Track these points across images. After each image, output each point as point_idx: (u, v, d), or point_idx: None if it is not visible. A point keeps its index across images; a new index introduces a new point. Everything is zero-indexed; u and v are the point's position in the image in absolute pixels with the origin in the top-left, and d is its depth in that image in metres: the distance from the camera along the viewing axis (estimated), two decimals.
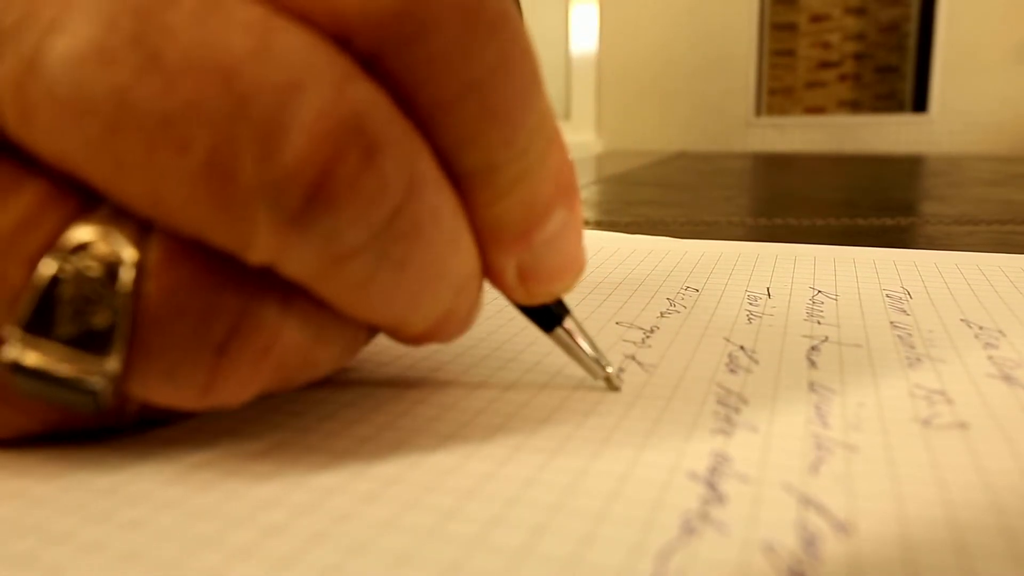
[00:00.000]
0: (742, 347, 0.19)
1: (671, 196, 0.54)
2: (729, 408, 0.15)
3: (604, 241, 0.32)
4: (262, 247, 0.10)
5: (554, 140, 0.13)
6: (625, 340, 0.19)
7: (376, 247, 0.11)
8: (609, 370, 0.16)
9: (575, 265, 0.14)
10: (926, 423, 0.14)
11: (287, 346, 0.12)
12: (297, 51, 0.10)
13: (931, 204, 0.50)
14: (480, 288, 0.13)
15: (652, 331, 0.20)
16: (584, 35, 2.61)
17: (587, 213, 0.46)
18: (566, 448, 0.13)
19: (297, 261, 0.11)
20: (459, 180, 0.12)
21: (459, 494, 0.12)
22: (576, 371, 0.17)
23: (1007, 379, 0.16)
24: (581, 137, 2.55)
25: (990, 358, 0.18)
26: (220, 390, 0.11)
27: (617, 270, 0.27)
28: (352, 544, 0.10)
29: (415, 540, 0.10)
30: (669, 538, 0.10)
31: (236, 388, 0.11)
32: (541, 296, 0.14)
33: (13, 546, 0.10)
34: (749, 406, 0.15)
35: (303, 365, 0.12)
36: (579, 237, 0.14)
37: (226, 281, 0.11)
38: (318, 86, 0.10)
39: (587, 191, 0.58)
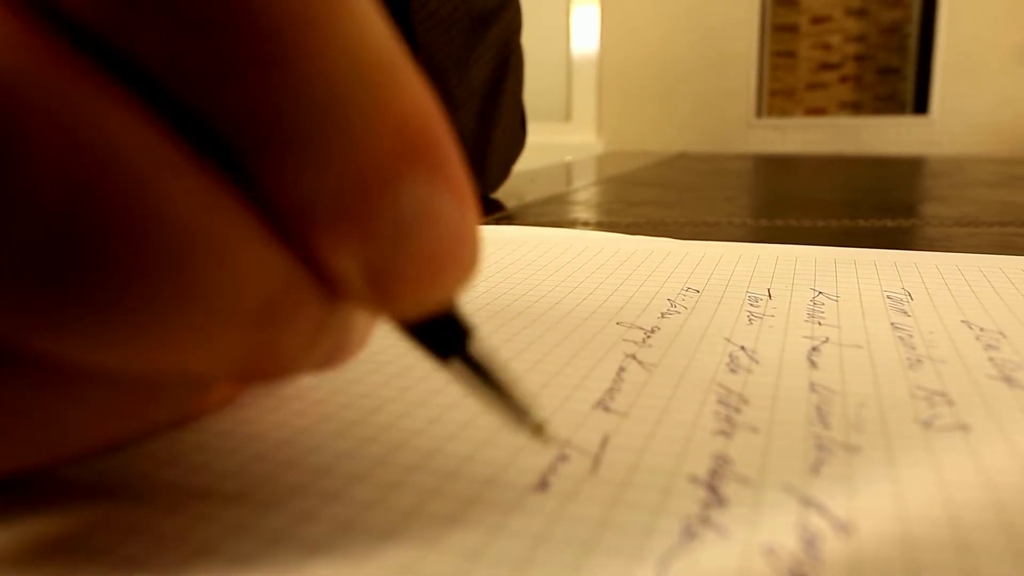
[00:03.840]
0: (743, 347, 0.19)
1: (672, 197, 0.54)
2: (730, 408, 0.15)
3: (605, 242, 0.32)
4: None
5: (393, 81, 0.09)
6: (626, 340, 0.19)
7: (31, 272, 0.07)
8: (538, 415, 0.11)
9: (457, 254, 0.09)
10: (927, 424, 0.14)
11: None
12: None
13: (932, 205, 0.50)
14: (318, 306, 0.10)
15: (653, 331, 0.20)
16: (585, 35, 2.61)
17: (588, 214, 0.46)
18: (567, 454, 0.13)
19: None
20: (239, 155, 0.08)
21: None
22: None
23: (1008, 380, 0.16)
24: (582, 137, 2.55)
25: (991, 359, 0.18)
26: None
27: (618, 271, 0.27)
28: None
29: None
30: (670, 544, 0.10)
31: None
32: (410, 306, 0.10)
33: None
34: (750, 406, 0.15)
35: (54, 433, 0.09)
36: (459, 214, 0.09)
37: None
38: None
39: (588, 192, 0.58)
